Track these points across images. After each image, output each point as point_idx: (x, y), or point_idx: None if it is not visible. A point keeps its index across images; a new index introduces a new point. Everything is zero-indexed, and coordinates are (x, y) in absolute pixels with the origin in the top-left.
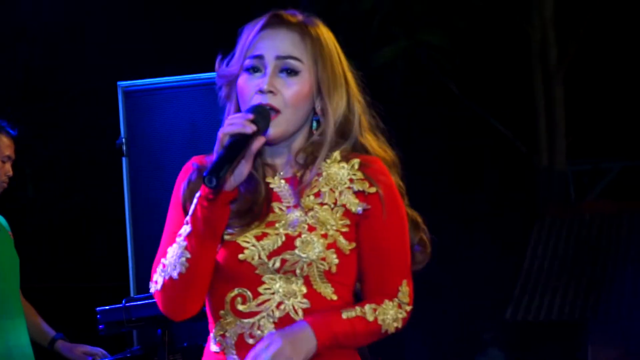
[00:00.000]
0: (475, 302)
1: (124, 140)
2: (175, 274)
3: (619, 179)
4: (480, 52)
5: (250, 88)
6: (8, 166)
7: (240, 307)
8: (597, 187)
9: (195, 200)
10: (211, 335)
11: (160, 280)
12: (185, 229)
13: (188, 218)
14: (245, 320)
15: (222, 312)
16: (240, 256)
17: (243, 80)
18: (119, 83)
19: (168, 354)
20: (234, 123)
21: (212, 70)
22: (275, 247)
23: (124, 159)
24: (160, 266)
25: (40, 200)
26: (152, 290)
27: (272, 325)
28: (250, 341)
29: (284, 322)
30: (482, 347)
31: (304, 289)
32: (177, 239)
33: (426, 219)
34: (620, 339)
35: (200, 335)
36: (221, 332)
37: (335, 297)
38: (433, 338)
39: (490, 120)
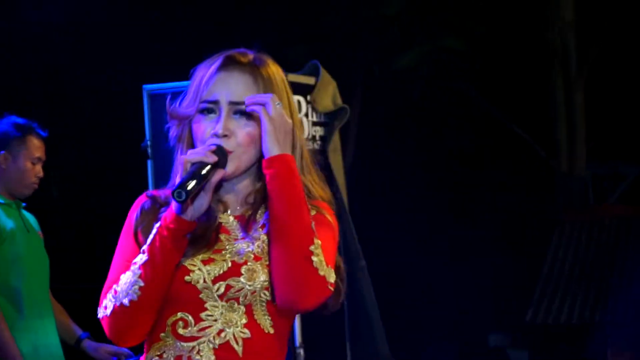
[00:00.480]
0: (494, 304)
1: (149, 142)
2: (126, 301)
3: (638, 183)
4: (501, 57)
5: (205, 130)
6: (38, 167)
7: (181, 331)
8: (617, 192)
9: (154, 230)
10: (145, 356)
11: (110, 306)
12: (142, 258)
13: (145, 247)
14: (185, 344)
15: (162, 334)
16: (186, 278)
17: (198, 122)
18: (144, 86)
19: None
20: (197, 152)
21: None
22: (221, 272)
23: (149, 162)
24: (112, 292)
25: (64, 202)
26: (100, 315)
27: (212, 352)
28: None
29: (224, 349)
30: (501, 350)
31: (245, 319)
32: (132, 267)
33: (444, 222)
34: (639, 342)
35: None
36: (158, 353)
37: (272, 331)
38: (452, 336)
39: (509, 124)
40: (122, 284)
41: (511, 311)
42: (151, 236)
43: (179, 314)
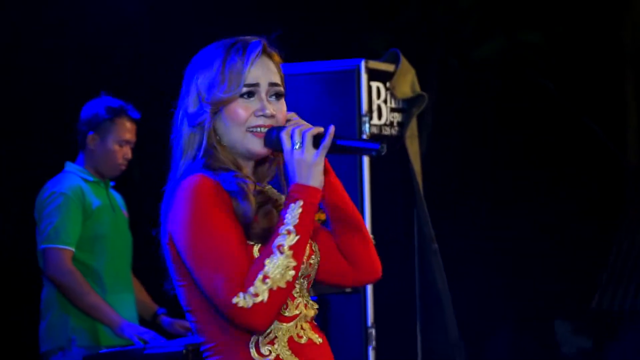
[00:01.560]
0: (560, 292)
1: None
2: (283, 284)
3: None
4: (576, 54)
5: (248, 111)
6: (126, 149)
7: (285, 313)
8: None
9: (298, 210)
10: (251, 344)
11: (264, 293)
12: (291, 238)
13: (291, 227)
14: (288, 324)
15: None
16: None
17: (238, 104)
18: None
19: None
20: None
21: (319, 59)
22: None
23: None
24: (259, 279)
25: (145, 184)
26: (246, 304)
27: (309, 326)
28: (302, 341)
29: (313, 321)
30: (566, 336)
31: (308, 294)
32: (279, 249)
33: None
34: None
35: None
36: (269, 340)
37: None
38: (517, 325)
39: (582, 118)
40: (273, 268)
41: (576, 299)
42: (294, 216)
43: None
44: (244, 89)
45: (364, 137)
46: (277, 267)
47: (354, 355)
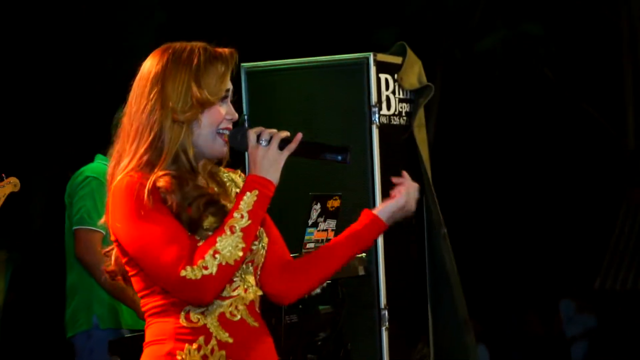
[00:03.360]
0: (564, 273)
1: (246, 117)
2: (232, 261)
3: None
4: (576, 43)
5: (222, 114)
6: None
7: (222, 293)
8: None
9: (253, 198)
10: (183, 312)
11: (213, 266)
12: (244, 222)
13: (245, 212)
14: (224, 302)
15: None
16: None
17: (217, 107)
18: (242, 64)
19: (284, 315)
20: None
21: (329, 53)
22: None
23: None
24: (209, 254)
25: None
26: (195, 275)
27: (245, 308)
28: (234, 318)
29: (251, 305)
30: (571, 314)
31: (254, 279)
32: (231, 229)
33: (518, 194)
34: None
35: (315, 299)
36: (200, 311)
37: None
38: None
39: (583, 105)
40: (224, 246)
41: (580, 279)
42: (249, 203)
43: None
44: (225, 93)
45: (334, 145)
46: (228, 245)
47: (368, 336)
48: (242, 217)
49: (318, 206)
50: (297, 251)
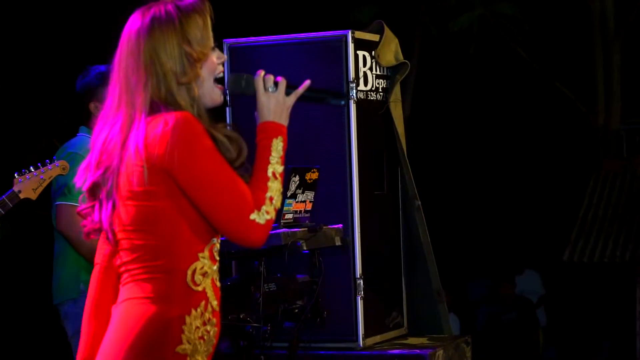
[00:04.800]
0: (532, 245)
1: (227, 91)
2: (280, 205)
3: None
4: (546, 21)
5: (215, 62)
6: None
7: (216, 256)
8: None
9: (280, 143)
10: (189, 271)
11: (272, 211)
12: (278, 168)
13: (278, 158)
14: (215, 267)
15: (201, 254)
16: None
17: (211, 58)
18: (224, 40)
19: (263, 283)
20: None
21: (309, 30)
22: None
23: (227, 109)
24: (267, 199)
25: None
26: (261, 220)
27: (218, 274)
28: (217, 284)
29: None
30: (520, 269)
31: None
32: (275, 175)
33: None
34: None
35: (295, 268)
36: (202, 272)
37: None
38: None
39: (554, 82)
40: (275, 191)
41: (550, 251)
42: (279, 149)
43: (214, 240)
44: (212, 42)
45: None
46: (277, 190)
47: (344, 305)
48: (277, 162)
49: (297, 178)
50: (276, 221)
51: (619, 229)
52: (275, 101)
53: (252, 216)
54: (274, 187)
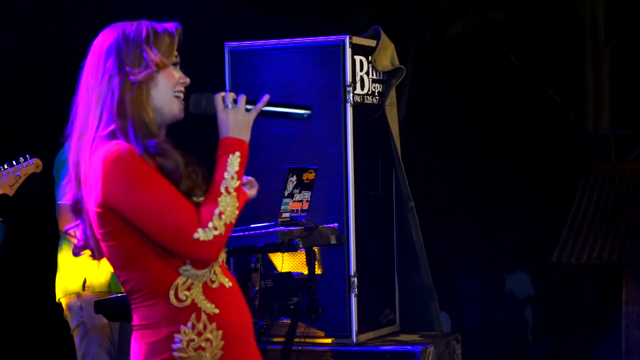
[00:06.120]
0: (522, 246)
1: (227, 92)
2: (233, 220)
3: None
4: (538, 28)
5: (175, 78)
6: None
7: None
8: (636, 150)
9: (237, 159)
10: (171, 290)
11: (221, 227)
12: (233, 183)
13: (233, 173)
14: (203, 270)
15: (182, 268)
16: None
17: (170, 71)
18: (225, 43)
19: (260, 280)
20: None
21: (308, 35)
22: None
23: None
24: (216, 215)
25: None
26: (206, 237)
27: (220, 269)
28: (214, 285)
29: (223, 265)
30: (512, 268)
31: None
32: (227, 191)
33: (482, 170)
34: None
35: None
36: (186, 286)
37: None
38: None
39: (544, 88)
40: (226, 206)
41: (539, 252)
42: (233, 165)
43: None
44: (174, 59)
45: (295, 106)
46: (228, 205)
47: (338, 301)
48: (232, 177)
49: (294, 178)
50: (273, 219)
51: (606, 232)
52: (233, 117)
53: (196, 235)
54: (225, 202)
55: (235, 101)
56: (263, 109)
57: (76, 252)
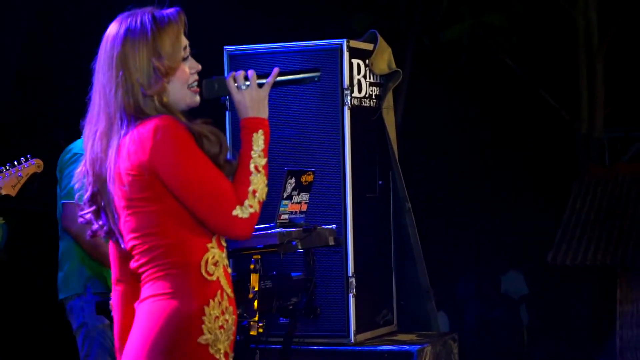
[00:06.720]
0: (517, 247)
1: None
2: (264, 197)
3: None
4: (533, 32)
5: (188, 69)
6: None
7: (223, 242)
8: (629, 153)
9: (261, 137)
10: (202, 263)
11: (256, 205)
12: (260, 161)
13: (260, 152)
14: (224, 254)
15: (209, 244)
16: None
17: (183, 66)
18: (224, 47)
19: (260, 280)
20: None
21: (306, 39)
22: None
23: (227, 112)
24: (250, 193)
25: None
26: (244, 214)
27: (227, 257)
28: (229, 270)
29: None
30: (505, 270)
31: None
32: (257, 169)
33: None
34: None
35: (288, 266)
36: (213, 262)
37: None
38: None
39: (539, 91)
40: (258, 184)
41: (534, 253)
42: (260, 142)
43: None
44: (184, 53)
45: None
46: (260, 182)
47: (337, 302)
48: (259, 156)
49: (293, 180)
50: (272, 221)
51: (600, 233)
52: (249, 97)
53: (235, 212)
54: (257, 180)
55: (246, 78)
56: (276, 79)
57: (93, 235)
